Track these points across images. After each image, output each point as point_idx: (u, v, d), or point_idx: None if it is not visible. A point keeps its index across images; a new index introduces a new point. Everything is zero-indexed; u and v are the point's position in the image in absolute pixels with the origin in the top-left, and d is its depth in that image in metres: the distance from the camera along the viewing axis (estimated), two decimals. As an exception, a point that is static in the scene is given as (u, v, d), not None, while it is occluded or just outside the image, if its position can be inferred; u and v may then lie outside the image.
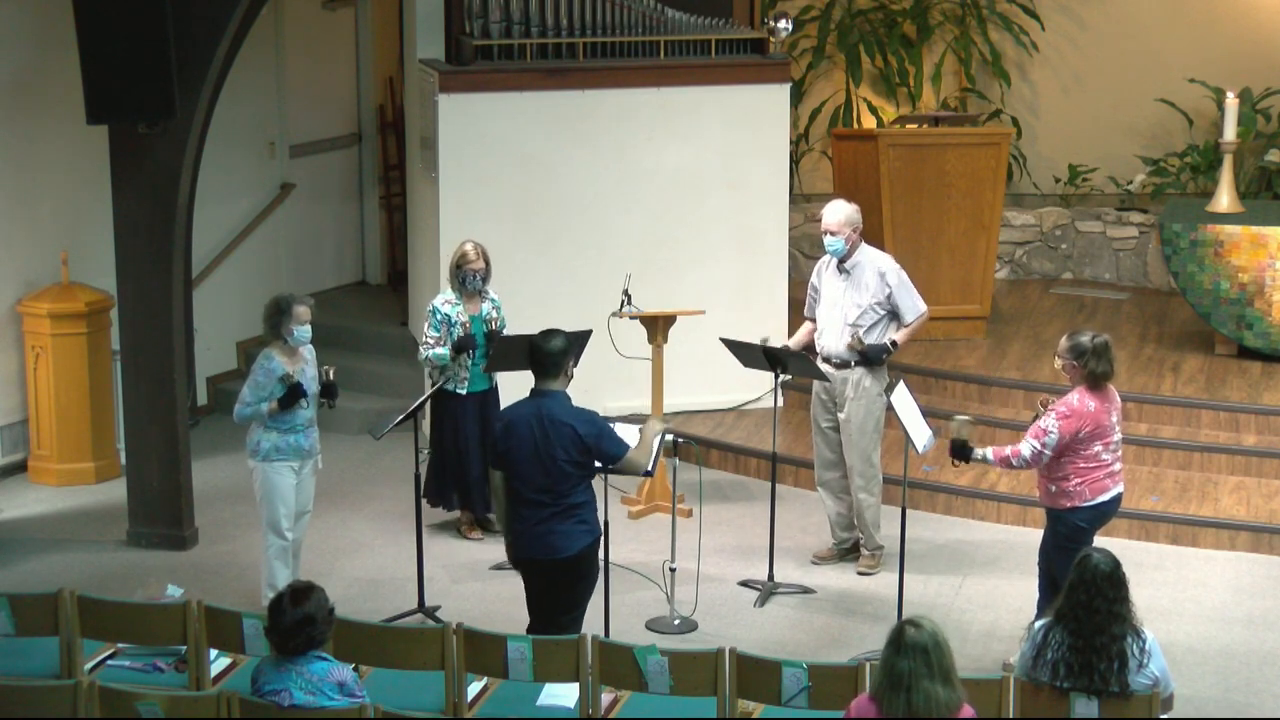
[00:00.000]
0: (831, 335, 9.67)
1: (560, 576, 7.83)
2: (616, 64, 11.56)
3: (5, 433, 11.34)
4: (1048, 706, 6.60)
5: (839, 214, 9.60)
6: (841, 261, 9.62)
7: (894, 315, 9.61)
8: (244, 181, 12.94)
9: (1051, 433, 8.18)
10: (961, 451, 8.39)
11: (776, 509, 9.68)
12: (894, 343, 9.60)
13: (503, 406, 9.47)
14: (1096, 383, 8.23)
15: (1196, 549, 10.10)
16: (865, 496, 9.78)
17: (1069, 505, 8.29)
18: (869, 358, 9.54)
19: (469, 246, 10.06)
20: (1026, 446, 8.25)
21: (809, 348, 9.83)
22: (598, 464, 7.81)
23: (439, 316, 10.00)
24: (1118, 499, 8.40)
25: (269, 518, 9.05)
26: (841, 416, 9.69)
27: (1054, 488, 8.31)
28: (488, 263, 10.06)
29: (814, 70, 14.09)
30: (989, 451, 8.40)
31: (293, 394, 8.88)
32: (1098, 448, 8.24)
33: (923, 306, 9.69)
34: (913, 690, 5.76)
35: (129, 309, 10.22)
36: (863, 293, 9.58)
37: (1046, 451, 8.19)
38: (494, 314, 10.06)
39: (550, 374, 7.79)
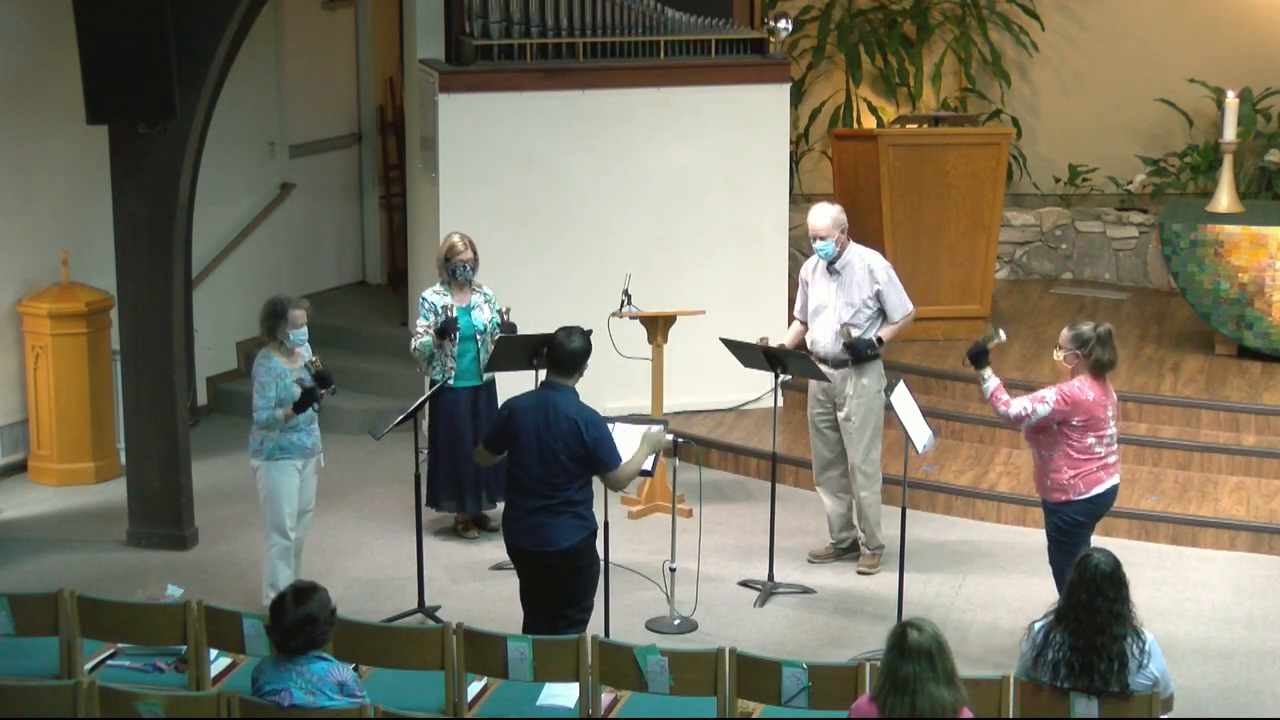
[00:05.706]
0: (825, 336, 9.65)
1: (552, 570, 7.84)
2: (616, 64, 11.56)
3: (5, 433, 11.34)
4: (1048, 706, 6.61)
5: (825, 218, 9.58)
6: (831, 263, 9.61)
7: (883, 313, 9.61)
8: (244, 181, 12.93)
9: (1046, 403, 8.21)
10: (978, 359, 8.47)
11: (776, 509, 9.68)
12: (879, 339, 9.58)
13: (502, 401, 9.46)
14: (1100, 371, 8.24)
15: (1196, 549, 10.10)
16: (867, 495, 9.77)
17: (1064, 499, 8.31)
18: (855, 352, 9.52)
19: (456, 238, 10.08)
20: (1018, 404, 8.30)
21: (801, 347, 9.82)
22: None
23: (427, 306, 10.03)
24: (1113, 491, 8.41)
25: (272, 517, 9.04)
26: (841, 415, 9.70)
27: (1048, 481, 8.34)
28: (476, 253, 10.07)
29: (814, 70, 14.08)
30: (994, 382, 8.44)
31: (307, 397, 8.86)
32: (1090, 440, 8.24)
33: (910, 306, 9.65)
34: (918, 694, 5.77)
35: (129, 309, 10.21)
36: (853, 291, 9.57)
37: (1031, 418, 8.24)
38: (486, 306, 10.06)
39: (566, 371, 7.86)
